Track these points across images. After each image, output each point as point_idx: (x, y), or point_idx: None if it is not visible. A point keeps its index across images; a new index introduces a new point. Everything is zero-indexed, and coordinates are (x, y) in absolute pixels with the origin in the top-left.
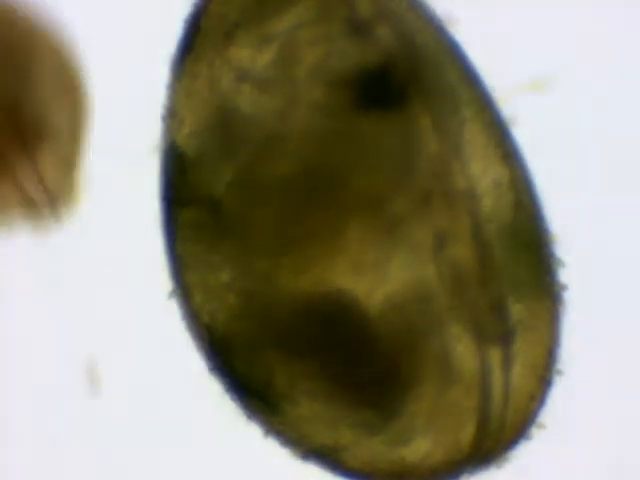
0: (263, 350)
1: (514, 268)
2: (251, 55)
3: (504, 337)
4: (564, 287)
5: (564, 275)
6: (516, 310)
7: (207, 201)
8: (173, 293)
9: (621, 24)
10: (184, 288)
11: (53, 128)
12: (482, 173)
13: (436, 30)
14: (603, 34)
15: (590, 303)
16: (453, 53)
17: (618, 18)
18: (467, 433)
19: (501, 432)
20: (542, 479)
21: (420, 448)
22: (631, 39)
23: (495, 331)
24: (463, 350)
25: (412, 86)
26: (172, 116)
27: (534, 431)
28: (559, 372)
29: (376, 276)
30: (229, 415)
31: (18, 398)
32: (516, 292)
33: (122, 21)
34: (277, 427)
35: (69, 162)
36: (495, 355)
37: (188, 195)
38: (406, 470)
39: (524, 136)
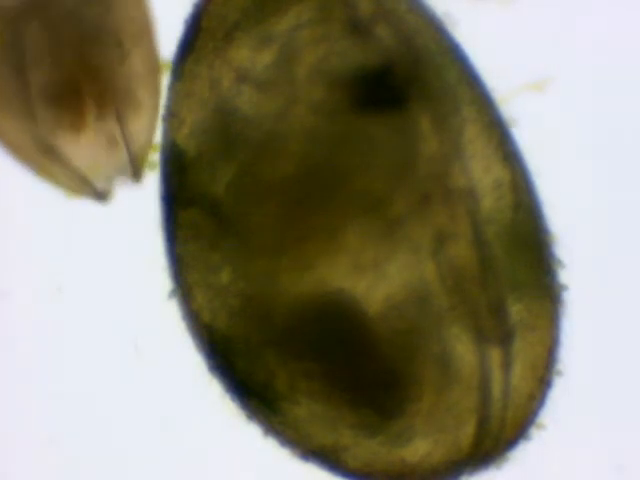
0: (263, 350)
1: (514, 268)
2: (251, 55)
3: (504, 337)
4: (564, 287)
5: (564, 275)
6: (516, 310)
7: (207, 201)
8: (173, 293)
9: (621, 24)
10: (184, 288)
11: (137, 100)
12: (482, 173)
13: (436, 31)
14: (603, 34)
15: (590, 303)
16: (453, 54)
17: (618, 18)
18: (467, 433)
19: (501, 432)
20: (542, 479)
21: (420, 448)
22: (630, 39)
23: (495, 331)
24: (463, 350)
25: (412, 87)
26: (172, 116)
27: (534, 431)
28: (559, 372)
29: (376, 276)
30: (229, 415)
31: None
32: (516, 292)
33: None
34: (277, 427)
35: (146, 134)
36: (495, 355)
37: (188, 195)
38: (406, 470)
39: (524, 137)
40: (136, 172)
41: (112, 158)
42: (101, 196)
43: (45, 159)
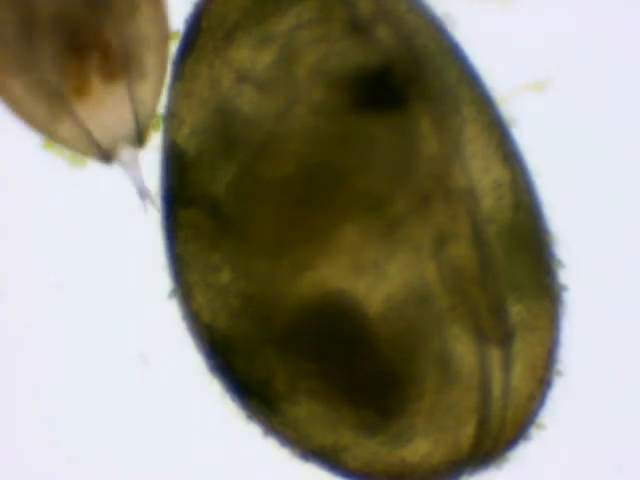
0: (263, 350)
1: (514, 268)
2: (251, 56)
3: (504, 338)
4: (564, 288)
5: (564, 276)
6: (516, 310)
7: (207, 201)
8: (173, 293)
9: (621, 24)
10: (184, 288)
11: (143, 68)
12: (482, 173)
13: (436, 31)
14: (603, 34)
15: (590, 303)
16: (453, 54)
17: (617, 18)
18: (467, 433)
19: (501, 432)
20: (542, 479)
21: (420, 448)
22: (630, 39)
23: (495, 331)
24: (463, 350)
25: (412, 87)
26: (172, 116)
27: (534, 431)
28: (559, 373)
29: (376, 276)
30: (229, 415)
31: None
32: (516, 292)
33: None
34: (277, 427)
35: (150, 102)
36: (495, 355)
37: (188, 195)
38: (406, 470)
39: (524, 137)
40: (140, 138)
41: (118, 119)
42: (106, 157)
43: (54, 118)
